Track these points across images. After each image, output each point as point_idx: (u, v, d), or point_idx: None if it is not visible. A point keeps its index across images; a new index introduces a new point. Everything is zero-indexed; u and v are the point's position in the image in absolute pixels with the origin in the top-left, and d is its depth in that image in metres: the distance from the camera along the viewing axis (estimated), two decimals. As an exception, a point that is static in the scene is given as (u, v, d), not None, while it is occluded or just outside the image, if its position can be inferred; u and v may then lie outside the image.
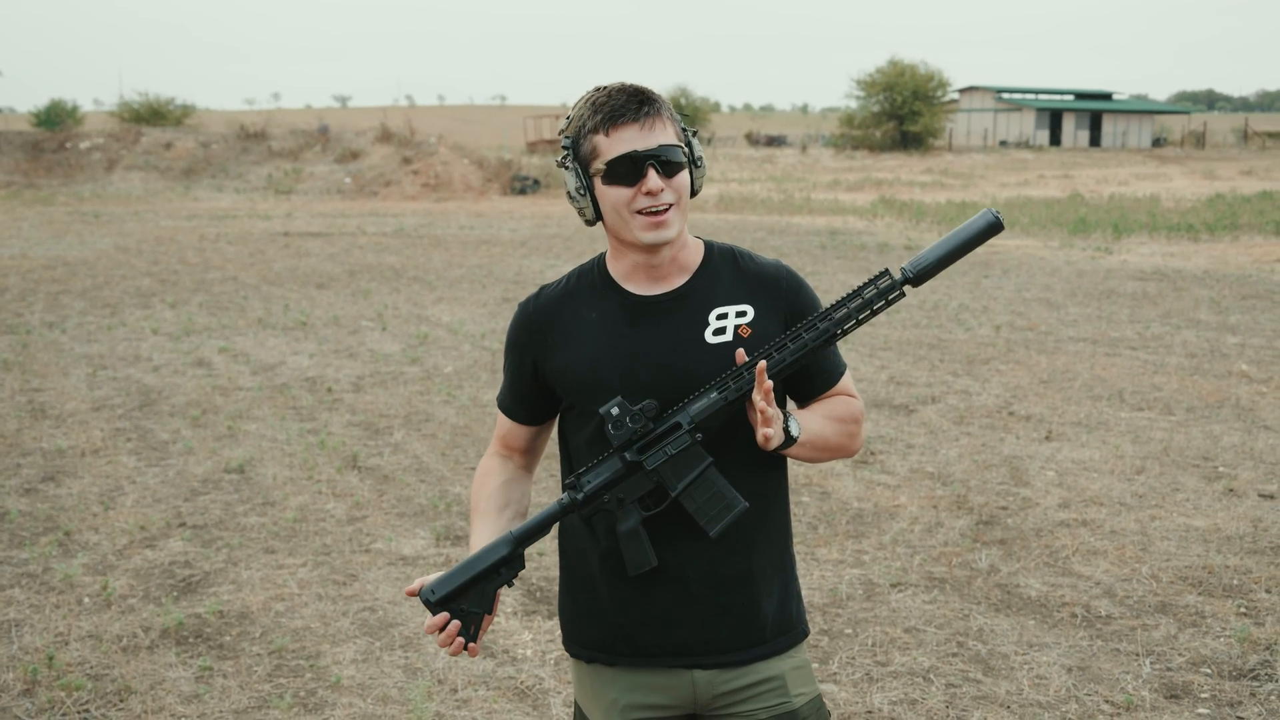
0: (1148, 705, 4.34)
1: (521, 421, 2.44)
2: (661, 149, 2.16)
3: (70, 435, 8.08)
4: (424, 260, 18.56)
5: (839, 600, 5.32)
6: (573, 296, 2.34)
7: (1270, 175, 42.81)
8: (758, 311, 2.28)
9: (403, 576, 5.62)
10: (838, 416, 2.32)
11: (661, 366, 2.23)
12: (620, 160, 2.16)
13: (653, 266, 2.27)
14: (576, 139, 2.22)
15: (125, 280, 16.05)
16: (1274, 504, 6.53)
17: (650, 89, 2.22)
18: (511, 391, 2.43)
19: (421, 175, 36.23)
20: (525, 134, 56.96)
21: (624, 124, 2.16)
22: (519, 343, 2.38)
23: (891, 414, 8.59)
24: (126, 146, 39.90)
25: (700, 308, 2.27)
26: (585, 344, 2.28)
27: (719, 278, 2.30)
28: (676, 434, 2.17)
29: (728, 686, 2.30)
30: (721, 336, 2.25)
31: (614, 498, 2.20)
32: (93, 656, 4.76)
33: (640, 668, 2.31)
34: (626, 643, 2.30)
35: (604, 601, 2.32)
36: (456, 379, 9.89)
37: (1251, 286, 14.99)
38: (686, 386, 2.21)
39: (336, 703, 4.42)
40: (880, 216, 26.71)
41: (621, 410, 2.15)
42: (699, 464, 2.17)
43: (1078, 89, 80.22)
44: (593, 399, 2.24)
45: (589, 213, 2.26)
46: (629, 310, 2.28)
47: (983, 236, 2.17)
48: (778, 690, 2.30)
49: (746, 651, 2.29)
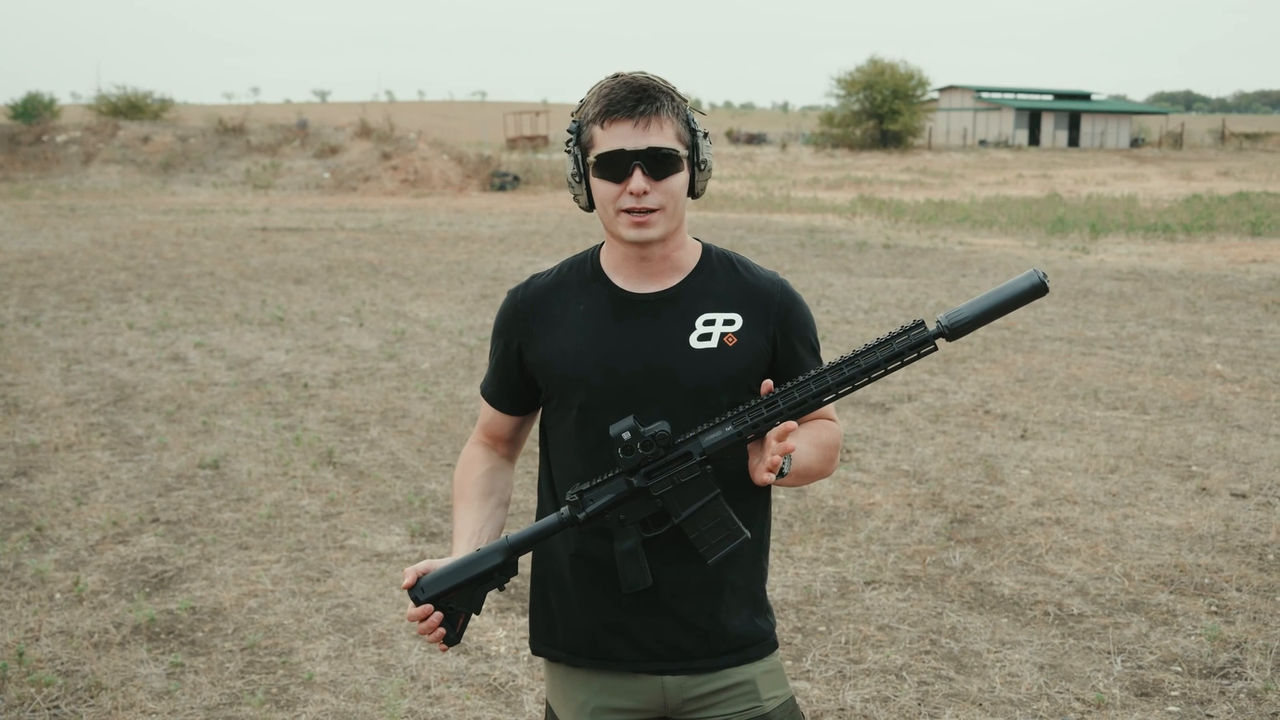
0: (1118, 703, 4.36)
1: (506, 411, 2.41)
2: (651, 150, 2.12)
3: (43, 430, 8.03)
4: (402, 256, 18.51)
5: (813, 598, 5.32)
6: (562, 287, 2.32)
7: (1246, 176, 43.05)
8: (746, 322, 2.25)
9: (377, 573, 5.61)
10: (822, 444, 2.29)
11: (643, 366, 2.21)
12: (609, 156, 2.14)
13: (643, 261, 2.25)
14: (581, 125, 2.20)
15: (101, 274, 15.96)
16: (1246, 503, 6.57)
17: (662, 85, 2.18)
18: (496, 380, 2.40)
19: (401, 171, 36.12)
20: (505, 130, 56.83)
21: (619, 119, 2.12)
22: (506, 330, 2.35)
23: (868, 412, 8.61)
24: (104, 140, 39.64)
25: (689, 311, 2.25)
26: (569, 335, 2.26)
27: (712, 283, 2.28)
28: (686, 463, 2.13)
29: (698, 691, 2.28)
30: (707, 342, 2.22)
31: (615, 517, 2.16)
32: (63, 652, 4.73)
33: (608, 671, 2.29)
34: (592, 646, 2.28)
35: (572, 603, 2.30)
36: (434, 375, 9.87)
37: (1227, 287, 15.07)
38: (666, 388, 2.20)
39: (309, 699, 4.41)
40: (859, 215, 26.75)
41: (633, 435, 2.11)
42: (706, 494, 2.14)
43: (1057, 89, 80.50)
44: (572, 392, 2.23)
45: (583, 200, 2.25)
46: (616, 305, 2.26)
47: (1025, 298, 2.06)
48: (749, 694, 2.29)
49: (715, 659, 2.28)
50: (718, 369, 2.22)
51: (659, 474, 2.14)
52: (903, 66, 62.22)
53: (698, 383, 2.21)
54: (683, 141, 2.18)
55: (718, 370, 2.22)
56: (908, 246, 20.18)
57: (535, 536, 2.20)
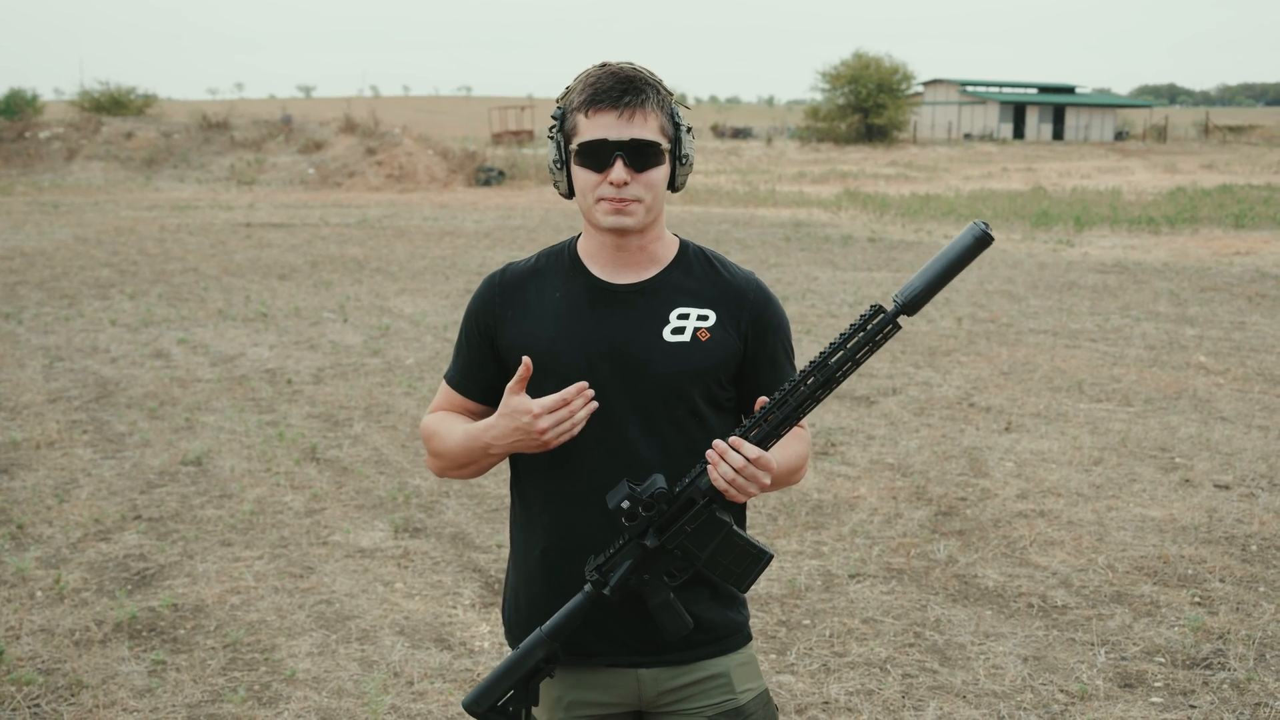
0: (1102, 694, 4.36)
1: (473, 398, 2.36)
2: (634, 142, 2.12)
3: (25, 427, 7.98)
4: (387, 251, 18.46)
5: (797, 591, 5.32)
6: (539, 274, 2.32)
7: (1230, 169, 43.20)
8: (719, 318, 2.25)
9: (360, 569, 5.59)
10: (792, 452, 2.28)
11: (616, 355, 2.21)
12: (591, 145, 2.13)
13: (620, 250, 2.24)
14: (566, 112, 2.19)
15: (84, 271, 15.89)
16: (1229, 494, 6.58)
17: (648, 76, 2.17)
18: (466, 366, 2.36)
19: (385, 166, 36.03)
20: (490, 125, 56.75)
21: (603, 109, 2.12)
22: (480, 313, 2.33)
23: (852, 405, 8.61)
24: (87, 136, 39.45)
25: (664, 303, 2.24)
26: (544, 322, 2.25)
27: (688, 278, 2.28)
28: (692, 510, 2.12)
29: (673, 684, 2.28)
30: (680, 336, 2.22)
31: (639, 579, 2.15)
32: (44, 651, 4.70)
33: (583, 666, 2.28)
34: (566, 642, 2.26)
35: (543, 599, 2.28)
36: (418, 371, 9.84)
37: (1210, 279, 15.12)
38: (637, 379, 2.19)
39: (291, 696, 4.39)
40: (845, 209, 26.77)
41: (633, 503, 2.09)
42: (720, 531, 2.13)
43: (1041, 82, 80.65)
44: (545, 378, 2.21)
45: (563, 187, 2.23)
46: (592, 294, 2.25)
47: (972, 252, 2.02)
48: (723, 687, 2.29)
49: (689, 652, 2.27)
50: (689, 363, 2.21)
51: (669, 528, 2.13)
52: (888, 60, 62.30)
53: (669, 375, 2.20)
54: (665, 135, 2.18)
55: (689, 364, 2.21)
56: (893, 240, 20.20)
57: (568, 621, 2.17)
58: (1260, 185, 32.37)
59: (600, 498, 2.19)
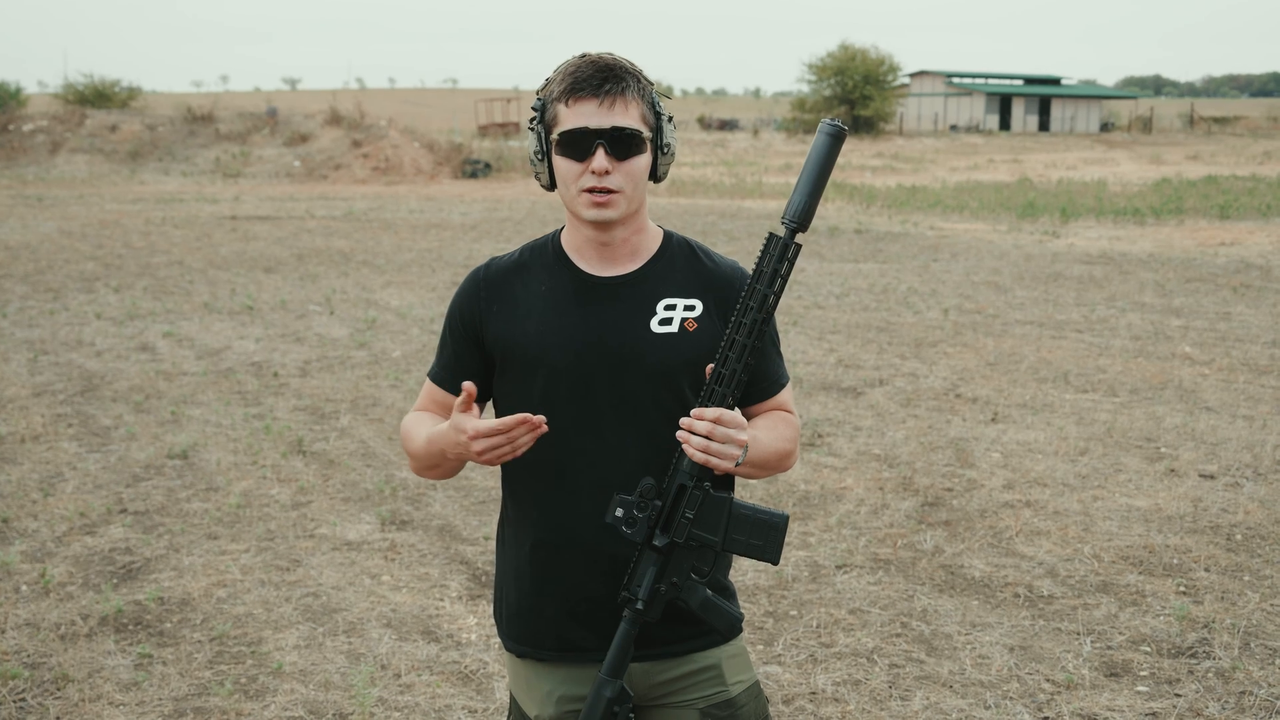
0: (1088, 683, 4.38)
1: (457, 394, 2.31)
2: (615, 130, 2.11)
3: (10, 421, 7.95)
4: (373, 244, 18.42)
5: (784, 582, 5.33)
6: (524, 269, 2.30)
7: (1215, 160, 43.33)
8: (706, 308, 2.24)
9: (347, 562, 5.58)
10: (780, 436, 2.26)
11: (605, 348, 2.20)
12: (572, 134, 2.12)
13: (603, 244, 2.23)
14: (546, 103, 2.17)
15: (68, 264, 15.82)
16: (1214, 484, 6.61)
17: (628, 66, 2.16)
18: (449, 362, 2.33)
19: (371, 159, 35.95)
20: (476, 117, 56.62)
21: (584, 98, 2.10)
22: (465, 308, 2.31)
23: (839, 396, 8.62)
24: (71, 129, 39.28)
25: (650, 295, 2.24)
26: (531, 316, 2.24)
27: (673, 268, 2.27)
28: (686, 495, 2.10)
29: (664, 676, 2.28)
30: (667, 327, 2.21)
31: (669, 585, 2.13)
32: (30, 644, 4.69)
33: (574, 661, 2.27)
34: (557, 639, 2.26)
35: (534, 595, 2.28)
36: (404, 363, 9.83)
37: (1195, 270, 15.17)
38: (627, 371, 2.19)
39: (278, 689, 4.38)
40: (831, 200, 26.77)
41: (626, 510, 2.08)
42: (724, 508, 2.12)
43: (1027, 74, 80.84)
44: (534, 373, 2.21)
45: (544, 179, 2.22)
46: (579, 287, 2.24)
47: (834, 151, 2.08)
48: (714, 679, 2.29)
49: (680, 644, 2.27)
50: (678, 353, 2.20)
51: (671, 522, 2.12)
52: (874, 52, 62.44)
53: (659, 366, 2.20)
54: (647, 123, 2.16)
55: (678, 354, 2.20)
56: (879, 232, 20.22)
57: (621, 652, 2.15)
58: (1245, 176, 32.47)
59: (590, 492, 2.19)
